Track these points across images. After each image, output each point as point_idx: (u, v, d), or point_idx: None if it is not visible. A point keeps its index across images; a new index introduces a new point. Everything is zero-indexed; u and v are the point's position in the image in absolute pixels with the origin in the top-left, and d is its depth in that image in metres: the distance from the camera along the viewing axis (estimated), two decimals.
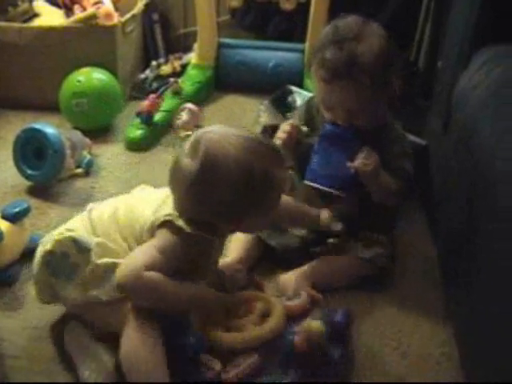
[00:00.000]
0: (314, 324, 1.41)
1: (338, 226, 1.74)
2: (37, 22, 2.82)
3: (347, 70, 1.67)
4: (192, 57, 3.04)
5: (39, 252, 1.56)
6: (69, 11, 2.87)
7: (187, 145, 1.43)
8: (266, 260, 1.86)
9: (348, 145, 1.73)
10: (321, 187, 1.76)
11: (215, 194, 1.40)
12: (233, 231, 1.59)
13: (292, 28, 3.08)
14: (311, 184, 1.77)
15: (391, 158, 1.77)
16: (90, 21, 2.68)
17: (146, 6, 3.07)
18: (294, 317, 1.51)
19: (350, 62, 1.67)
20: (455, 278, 1.68)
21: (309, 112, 1.91)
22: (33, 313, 1.68)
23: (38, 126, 2.19)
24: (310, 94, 2.46)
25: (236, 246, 1.83)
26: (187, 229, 1.43)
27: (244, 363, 1.39)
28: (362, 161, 1.69)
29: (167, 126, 2.60)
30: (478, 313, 1.44)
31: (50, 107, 2.64)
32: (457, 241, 1.70)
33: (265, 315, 1.50)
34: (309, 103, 1.95)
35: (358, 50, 1.68)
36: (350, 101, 1.72)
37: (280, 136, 1.80)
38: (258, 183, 1.40)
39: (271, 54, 2.92)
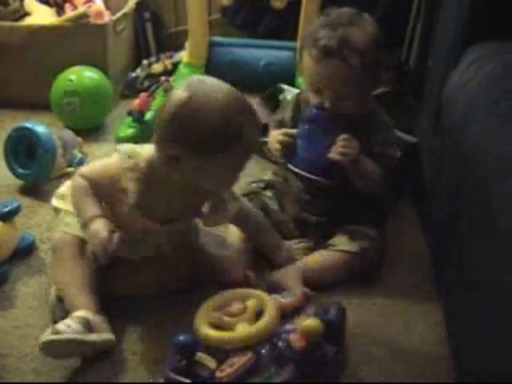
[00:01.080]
0: (311, 321, 1.40)
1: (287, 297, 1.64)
2: (28, 21, 2.82)
3: (338, 49, 1.70)
4: (183, 55, 3.03)
5: None
6: (60, 10, 2.88)
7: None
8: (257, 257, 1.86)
9: (331, 130, 1.74)
10: (303, 173, 1.78)
11: (192, 125, 1.50)
12: (195, 171, 1.56)
13: (283, 26, 3.08)
14: (293, 169, 1.80)
15: (374, 145, 1.79)
16: (81, 19, 2.67)
17: (137, 4, 3.08)
18: (287, 314, 1.51)
19: (342, 41, 1.70)
20: (446, 273, 1.68)
21: (297, 106, 1.92)
22: (23, 312, 1.68)
23: (29, 124, 2.19)
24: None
25: (236, 241, 1.85)
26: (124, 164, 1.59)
27: (239, 362, 1.38)
28: (339, 149, 1.70)
29: None
30: (471, 308, 1.45)
31: (42, 106, 2.63)
32: (447, 236, 1.70)
33: (258, 313, 1.50)
34: (297, 98, 1.96)
35: (350, 32, 1.71)
36: (339, 81, 1.73)
37: (276, 148, 1.82)
38: (231, 133, 1.50)
39: (262, 53, 2.92)
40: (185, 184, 1.60)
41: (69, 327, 1.48)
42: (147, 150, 1.62)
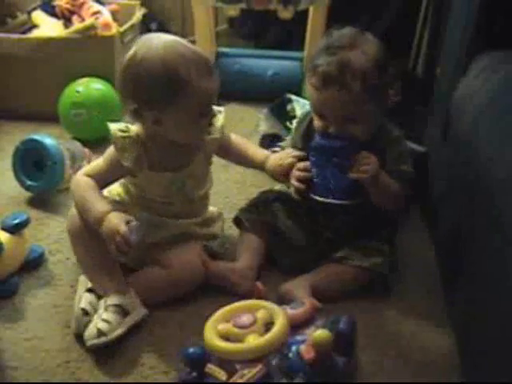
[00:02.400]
0: (321, 332, 1.39)
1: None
2: (35, 33, 2.83)
3: (338, 76, 1.65)
4: None
5: None
6: (67, 22, 2.88)
7: None
8: (269, 268, 1.86)
9: (339, 154, 1.69)
10: (328, 200, 1.73)
11: (138, 79, 1.61)
12: (156, 125, 1.65)
13: (290, 37, 3.09)
14: (317, 198, 1.74)
15: (389, 161, 1.76)
16: (89, 31, 2.68)
17: (145, 16, 3.09)
18: (296, 325, 1.51)
19: (341, 67, 1.65)
20: (455, 285, 1.68)
21: (308, 130, 1.86)
22: (33, 324, 1.68)
23: (37, 137, 2.19)
24: (309, 103, 2.48)
25: (245, 251, 1.84)
26: (116, 134, 1.70)
27: (249, 374, 1.37)
28: (359, 167, 1.67)
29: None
30: (481, 320, 1.44)
31: (49, 118, 2.64)
32: (456, 247, 1.70)
33: (268, 324, 1.49)
34: (309, 120, 1.87)
35: (350, 57, 1.65)
36: (342, 108, 1.68)
37: (298, 187, 1.77)
38: (173, 82, 1.58)
39: (269, 63, 2.93)
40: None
41: (109, 323, 1.57)
42: None
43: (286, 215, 1.89)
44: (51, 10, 2.93)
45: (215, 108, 1.79)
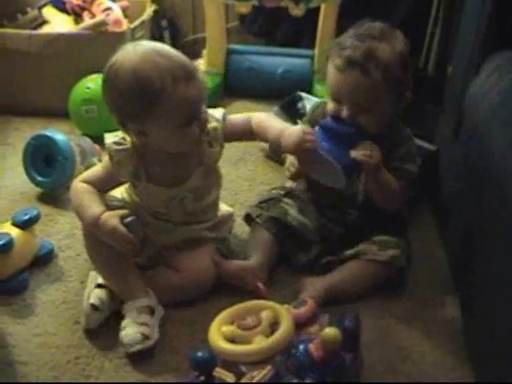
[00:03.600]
0: (330, 330, 1.38)
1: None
2: (46, 29, 2.83)
3: (362, 61, 1.65)
4: (201, 63, 3.03)
5: None
6: (78, 18, 2.89)
7: None
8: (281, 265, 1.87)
9: (344, 139, 1.67)
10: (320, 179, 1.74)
11: (115, 90, 1.57)
12: (141, 136, 1.62)
13: (301, 34, 3.08)
14: (312, 175, 1.75)
15: (395, 159, 1.76)
16: (100, 27, 2.68)
17: (155, 12, 3.08)
18: (300, 324, 1.50)
19: (367, 53, 1.66)
20: (467, 284, 1.67)
21: (316, 117, 1.88)
22: (43, 320, 1.68)
23: (47, 132, 2.20)
24: (320, 100, 2.47)
25: (256, 248, 1.84)
26: (111, 147, 1.66)
27: (258, 376, 1.36)
28: (364, 152, 1.66)
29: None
30: (490, 319, 1.44)
31: (60, 114, 2.65)
32: (467, 246, 1.69)
33: (272, 324, 1.49)
34: (317, 109, 1.93)
35: (378, 46, 1.67)
36: (359, 93, 1.69)
37: (290, 170, 1.80)
38: (152, 94, 1.53)
39: (280, 60, 2.92)
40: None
41: (149, 326, 1.58)
42: None
43: (297, 211, 1.89)
44: (62, 6, 2.93)
45: (213, 113, 1.74)
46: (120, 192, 1.79)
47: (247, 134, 1.78)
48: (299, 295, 1.65)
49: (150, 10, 3.03)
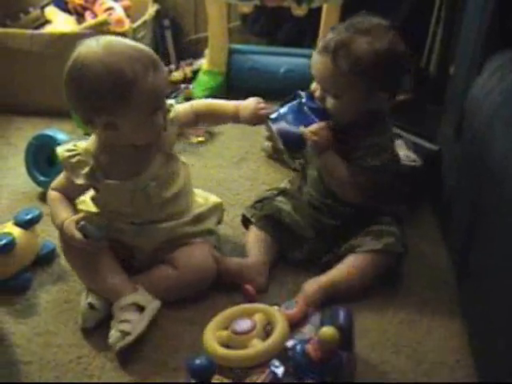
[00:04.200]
0: (327, 329, 1.38)
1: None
2: (48, 29, 2.84)
3: (334, 49, 1.70)
4: (203, 63, 3.04)
5: None
6: (80, 18, 2.89)
7: None
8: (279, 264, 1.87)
9: (307, 114, 1.79)
10: (276, 136, 1.81)
11: (84, 87, 1.56)
12: (109, 129, 1.62)
13: (303, 34, 3.08)
14: (272, 127, 1.82)
15: (358, 149, 1.78)
16: (102, 27, 2.68)
17: (157, 12, 3.09)
18: (292, 325, 1.51)
19: (342, 43, 1.70)
20: (468, 283, 1.67)
21: None
22: (45, 319, 1.68)
23: (49, 132, 2.20)
24: None
25: (254, 247, 1.85)
26: (63, 155, 1.68)
27: (259, 379, 1.36)
28: (312, 129, 1.74)
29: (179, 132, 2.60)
30: (491, 316, 1.44)
31: (62, 114, 2.63)
32: (468, 245, 1.69)
33: (266, 326, 1.49)
34: None
35: (355, 40, 1.70)
36: (325, 78, 1.75)
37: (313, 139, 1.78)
38: (125, 85, 1.53)
39: (282, 60, 2.92)
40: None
41: (130, 322, 1.57)
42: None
43: (291, 208, 1.90)
44: (64, 6, 2.94)
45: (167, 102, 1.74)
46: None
47: (191, 120, 1.83)
48: (297, 299, 1.63)
49: (152, 9, 3.03)
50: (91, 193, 1.76)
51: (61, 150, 1.69)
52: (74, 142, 1.71)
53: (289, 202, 1.92)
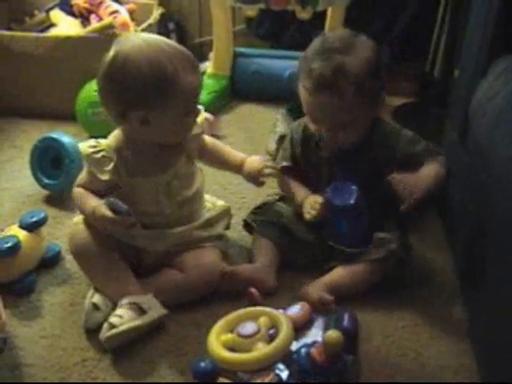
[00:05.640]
0: (332, 333, 1.37)
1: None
2: (53, 32, 2.84)
3: (332, 81, 1.65)
4: (208, 66, 3.04)
5: None
6: (85, 21, 2.90)
7: None
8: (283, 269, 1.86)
9: (353, 212, 1.73)
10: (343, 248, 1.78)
11: (123, 79, 1.59)
12: (143, 125, 1.64)
13: (307, 37, 3.08)
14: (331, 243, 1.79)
15: (405, 155, 1.77)
16: (107, 30, 2.69)
17: (162, 15, 3.09)
18: (297, 328, 1.50)
19: (336, 72, 1.65)
20: (473, 288, 1.67)
21: (305, 139, 1.90)
22: (50, 322, 1.69)
23: (55, 135, 2.20)
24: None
25: (260, 252, 1.84)
26: (87, 151, 1.70)
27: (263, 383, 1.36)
28: (407, 205, 1.69)
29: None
30: (496, 322, 1.44)
31: (67, 116, 2.65)
32: (474, 250, 1.69)
33: (270, 330, 1.49)
34: (303, 130, 1.91)
35: (344, 61, 1.66)
36: (333, 114, 1.70)
37: (312, 214, 1.77)
38: (166, 82, 1.58)
39: (287, 63, 2.91)
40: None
41: (121, 318, 1.56)
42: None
43: (292, 214, 1.90)
44: (69, 9, 2.94)
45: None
46: None
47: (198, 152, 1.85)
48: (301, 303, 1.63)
49: (156, 12, 3.04)
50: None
51: (84, 147, 1.71)
52: (95, 140, 1.73)
53: (289, 209, 1.92)
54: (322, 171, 1.85)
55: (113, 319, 1.57)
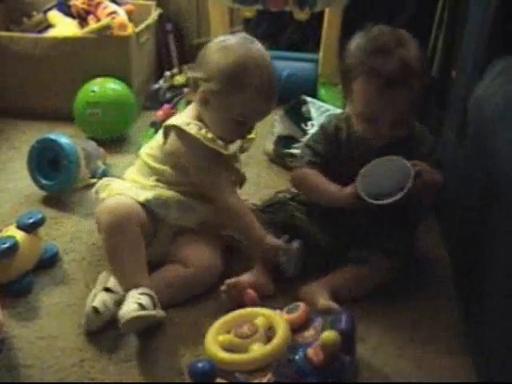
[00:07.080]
0: (329, 333, 1.38)
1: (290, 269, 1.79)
2: (51, 33, 2.84)
3: (403, 74, 1.64)
4: None
5: None
6: (83, 22, 2.89)
7: None
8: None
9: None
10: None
11: (214, 55, 1.77)
12: (202, 102, 1.79)
13: (305, 38, 3.09)
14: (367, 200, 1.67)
15: (427, 157, 1.76)
16: (105, 31, 2.69)
17: (160, 16, 3.09)
18: (295, 329, 1.51)
19: (404, 65, 1.64)
20: (469, 288, 1.67)
21: (335, 139, 1.84)
22: (47, 323, 1.68)
23: (52, 136, 2.20)
24: (324, 105, 2.47)
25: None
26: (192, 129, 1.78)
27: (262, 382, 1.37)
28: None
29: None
30: (494, 320, 1.44)
31: (65, 117, 2.65)
32: (470, 250, 1.69)
33: (267, 330, 1.49)
34: (336, 129, 1.85)
35: (407, 54, 1.65)
36: (402, 109, 1.68)
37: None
38: (237, 82, 1.73)
39: (285, 64, 2.91)
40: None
41: (141, 306, 1.56)
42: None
43: (304, 214, 1.87)
44: (67, 10, 2.94)
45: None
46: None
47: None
48: (299, 303, 1.62)
49: (154, 13, 3.04)
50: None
51: (189, 129, 1.77)
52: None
53: (301, 209, 1.89)
54: (351, 168, 1.75)
55: (142, 301, 1.57)
